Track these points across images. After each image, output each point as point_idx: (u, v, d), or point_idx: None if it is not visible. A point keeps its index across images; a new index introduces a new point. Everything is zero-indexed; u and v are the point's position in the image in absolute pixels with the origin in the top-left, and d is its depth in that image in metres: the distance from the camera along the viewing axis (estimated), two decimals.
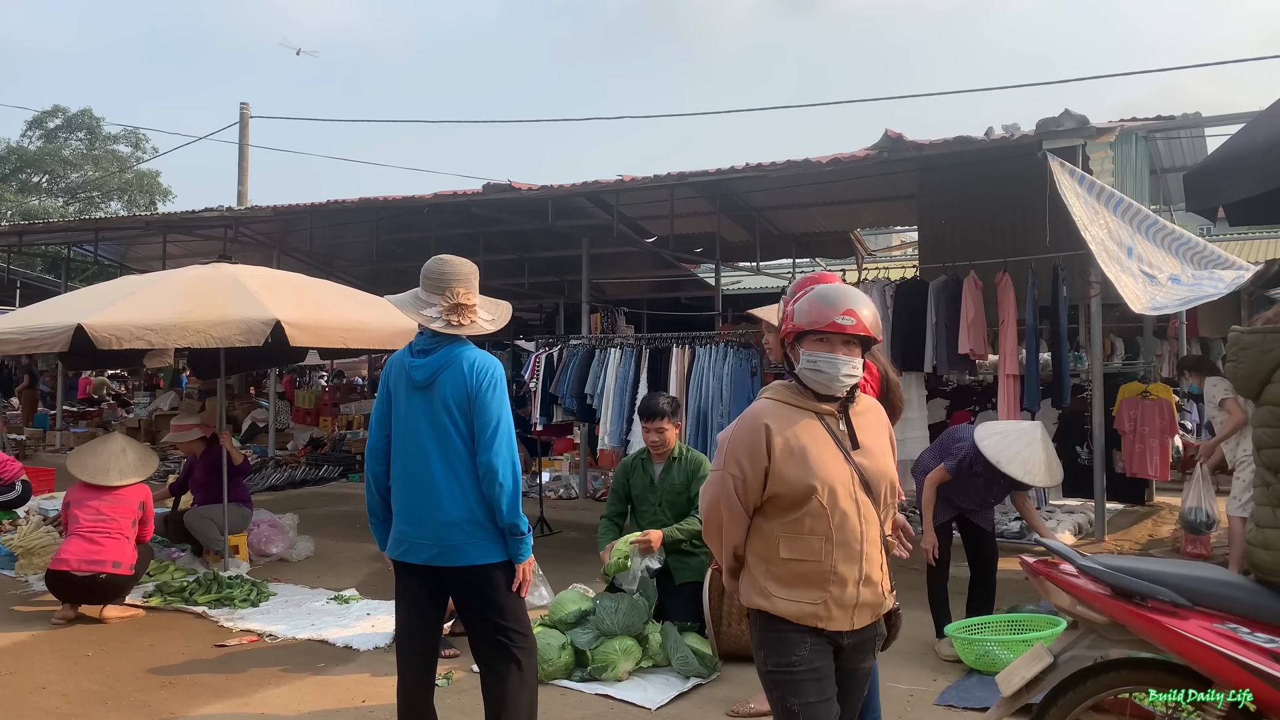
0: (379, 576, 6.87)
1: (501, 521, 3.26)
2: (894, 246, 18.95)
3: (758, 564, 2.61)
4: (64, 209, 32.19)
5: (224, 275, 6.65)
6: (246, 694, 4.51)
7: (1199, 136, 9.14)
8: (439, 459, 3.28)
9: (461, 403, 3.27)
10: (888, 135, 7.33)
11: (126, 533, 5.73)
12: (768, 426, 2.57)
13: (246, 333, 5.88)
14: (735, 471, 2.58)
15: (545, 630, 4.74)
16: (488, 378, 3.28)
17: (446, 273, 3.34)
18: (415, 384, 3.33)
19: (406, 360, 3.38)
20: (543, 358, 9.25)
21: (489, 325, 3.36)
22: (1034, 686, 2.97)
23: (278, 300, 6.27)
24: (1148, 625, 2.77)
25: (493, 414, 3.26)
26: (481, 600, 3.33)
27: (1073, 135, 6.73)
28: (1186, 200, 6.42)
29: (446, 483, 3.27)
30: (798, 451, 2.54)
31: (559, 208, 10.31)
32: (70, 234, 15.48)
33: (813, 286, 2.74)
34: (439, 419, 3.28)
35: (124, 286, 6.83)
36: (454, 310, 3.30)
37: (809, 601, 2.53)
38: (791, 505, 2.55)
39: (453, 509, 3.26)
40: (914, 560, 5.41)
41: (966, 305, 8.02)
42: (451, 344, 3.33)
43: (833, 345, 2.57)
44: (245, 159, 19.04)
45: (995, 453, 4.85)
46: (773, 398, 2.68)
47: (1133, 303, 5.90)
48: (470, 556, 3.27)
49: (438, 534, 3.28)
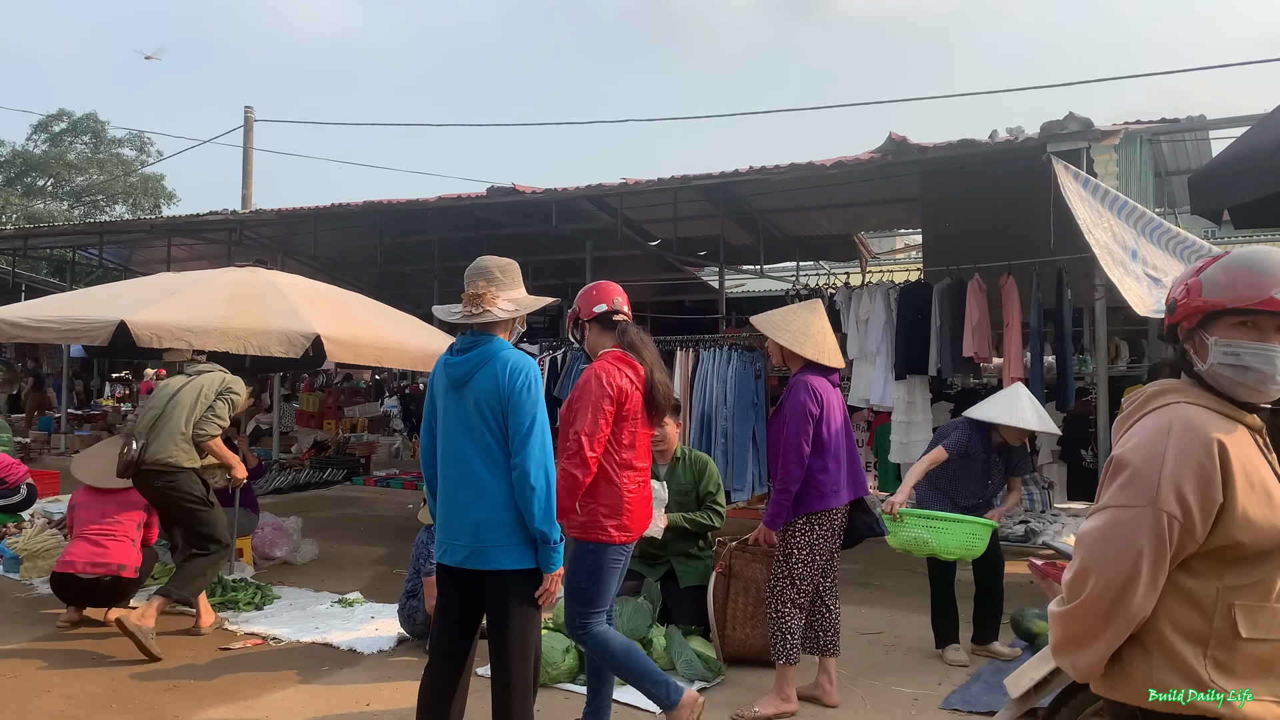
0: (383, 580, 6.87)
1: (533, 528, 3.20)
2: (898, 249, 18.94)
3: (1186, 644, 1.84)
4: (69, 212, 32.24)
5: (262, 281, 6.61)
6: (251, 697, 4.52)
7: (1204, 139, 9.12)
8: (472, 458, 3.25)
9: (494, 402, 3.23)
10: (891, 138, 7.32)
11: (132, 535, 5.73)
12: (1223, 445, 1.82)
13: (286, 344, 5.87)
14: (1175, 509, 1.78)
15: (549, 634, 4.73)
16: (521, 378, 3.23)
17: (470, 271, 3.39)
18: (452, 383, 3.33)
19: (445, 359, 3.40)
20: (546, 361, 9.25)
21: (503, 313, 3.31)
22: (1042, 689, 2.96)
23: (316, 313, 6.25)
24: None
25: (526, 415, 3.20)
26: (499, 606, 3.27)
27: (1077, 138, 6.72)
28: (1191, 203, 6.41)
29: (478, 483, 3.24)
30: (1258, 483, 1.83)
31: (563, 211, 10.31)
32: (75, 237, 15.51)
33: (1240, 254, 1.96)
34: (472, 418, 3.25)
35: (163, 284, 6.74)
36: (469, 301, 3.30)
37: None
38: (1255, 560, 1.81)
39: (483, 509, 3.23)
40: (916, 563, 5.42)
41: (971, 308, 8.01)
42: (487, 344, 3.31)
43: (1264, 332, 1.87)
44: (250, 162, 19.07)
45: (980, 411, 5.04)
46: (1197, 403, 1.91)
47: (1137, 306, 5.89)
48: (498, 560, 3.22)
49: (469, 535, 3.24)
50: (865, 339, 8.68)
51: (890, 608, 6.10)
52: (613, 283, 4.01)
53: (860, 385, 8.76)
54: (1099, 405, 7.63)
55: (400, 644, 5.32)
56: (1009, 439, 5.16)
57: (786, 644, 4.27)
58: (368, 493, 11.35)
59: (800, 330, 4.42)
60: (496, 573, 3.23)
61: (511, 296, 3.37)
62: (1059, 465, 9.22)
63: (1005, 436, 5.15)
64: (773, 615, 4.32)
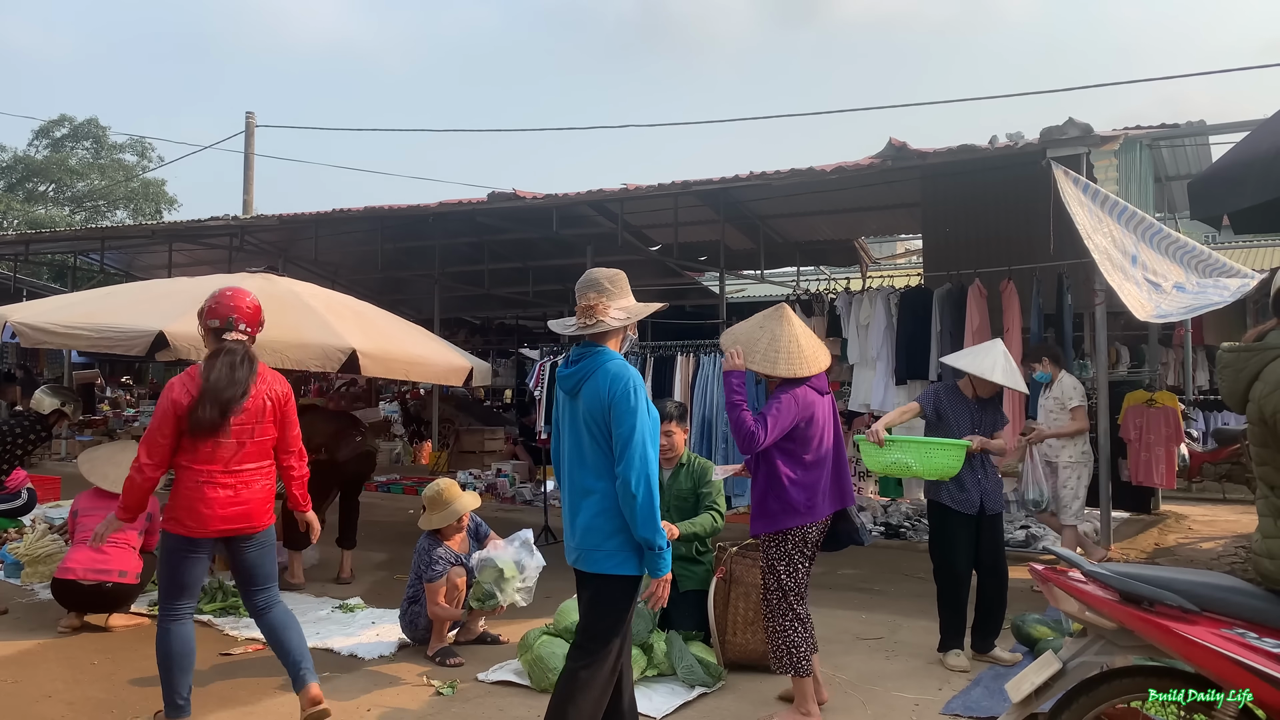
0: (383, 586, 6.87)
1: (637, 535, 3.25)
2: (898, 254, 18.96)
3: None
4: (70, 218, 32.30)
5: (283, 290, 6.51)
6: (251, 702, 4.52)
7: (1203, 145, 9.13)
8: (581, 465, 3.38)
9: (598, 411, 3.32)
10: (892, 144, 7.34)
11: (133, 542, 5.74)
12: None
13: (323, 358, 5.85)
14: None
15: (550, 639, 4.73)
16: (622, 387, 3.29)
17: (580, 284, 3.48)
18: (566, 392, 3.47)
19: (560, 370, 3.52)
20: (547, 366, 9.25)
21: (617, 322, 3.40)
22: (1043, 694, 2.96)
23: (346, 325, 6.23)
24: (1155, 630, 2.77)
25: (626, 425, 3.25)
26: (591, 606, 3.38)
27: (1077, 144, 6.74)
28: (1191, 208, 6.43)
29: (584, 488, 3.36)
30: None
31: (563, 216, 10.33)
32: (76, 243, 15.53)
33: None
34: (580, 427, 3.37)
35: (184, 290, 6.50)
36: (582, 313, 3.40)
37: None
38: None
39: (589, 514, 3.33)
40: (916, 567, 5.44)
41: (971, 313, 8.02)
42: (596, 354, 3.39)
43: None
44: (251, 168, 19.11)
45: (952, 358, 5.11)
46: None
47: (1137, 311, 5.90)
48: (599, 564, 3.31)
49: (578, 538, 3.37)
50: (866, 344, 8.69)
51: (890, 613, 6.09)
52: (245, 295, 4.28)
53: (861, 390, 8.77)
54: (1099, 410, 7.63)
55: (401, 649, 5.31)
56: (980, 391, 5.14)
57: (794, 657, 4.18)
58: (368, 498, 11.28)
59: (768, 347, 4.24)
60: (595, 576, 3.34)
61: (622, 305, 3.45)
62: None
63: (977, 388, 5.13)
64: (775, 629, 4.25)
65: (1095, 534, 8.20)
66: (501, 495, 11.16)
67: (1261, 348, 2.87)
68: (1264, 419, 2.79)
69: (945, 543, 5.11)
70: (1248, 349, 2.91)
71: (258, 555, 4.17)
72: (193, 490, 4.00)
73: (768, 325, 4.32)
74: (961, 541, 5.06)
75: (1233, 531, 8.96)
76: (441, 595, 5.13)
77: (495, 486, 11.33)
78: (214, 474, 4.02)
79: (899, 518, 9.02)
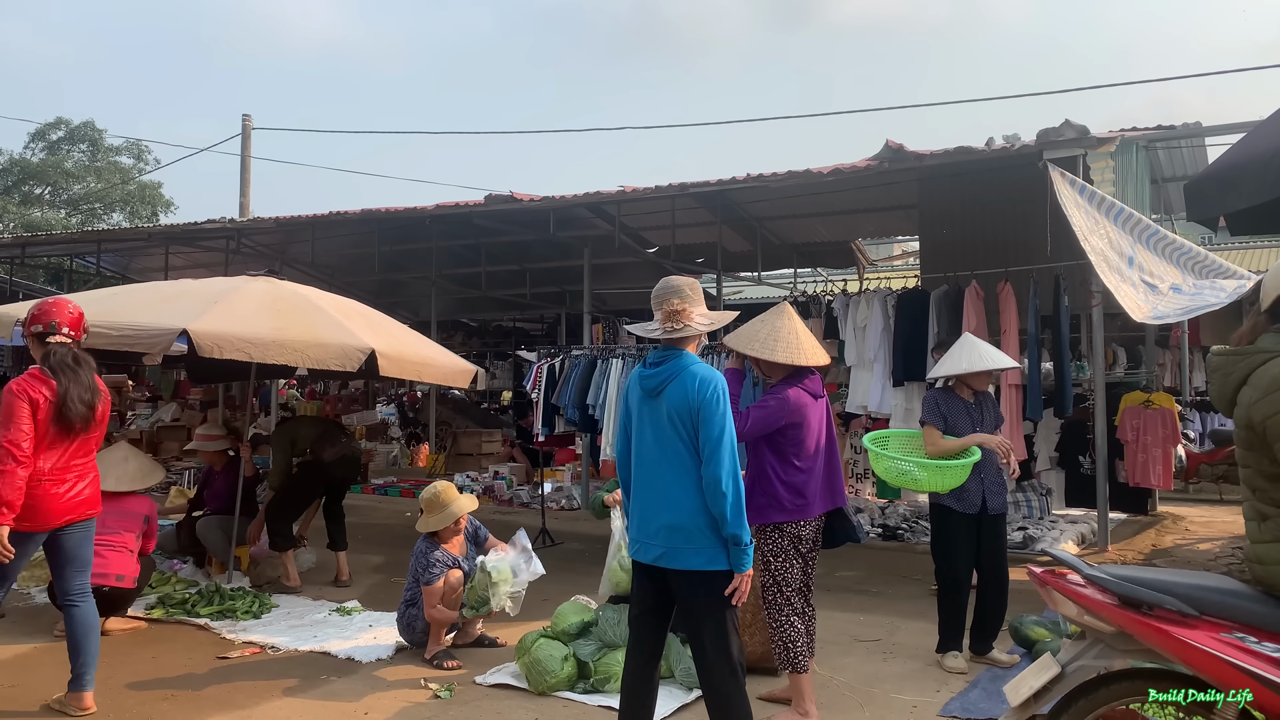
0: (380, 589, 6.86)
1: (726, 531, 3.37)
2: (895, 256, 18.99)
3: None
4: (66, 221, 32.25)
5: (289, 292, 6.52)
6: (249, 706, 4.51)
7: (1199, 146, 9.16)
8: (663, 465, 3.47)
9: (685, 413, 3.43)
10: (888, 145, 7.35)
11: (130, 546, 5.72)
12: None
13: (343, 358, 5.87)
14: None
15: (547, 642, 4.73)
16: (711, 390, 3.42)
17: (659, 290, 3.58)
18: (646, 393, 3.55)
19: (640, 372, 3.62)
20: (544, 368, 9.25)
21: (703, 326, 3.53)
22: (1042, 696, 2.96)
23: (356, 325, 6.26)
24: (1155, 634, 2.77)
25: (716, 426, 3.38)
26: (692, 605, 3.46)
27: (1073, 145, 6.75)
28: (1187, 209, 6.44)
29: (670, 488, 3.44)
30: None
31: (560, 218, 10.33)
32: (73, 246, 15.52)
33: None
34: (665, 428, 3.47)
35: (195, 291, 6.46)
36: (668, 318, 3.50)
37: None
38: None
39: (675, 513, 3.43)
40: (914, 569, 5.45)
41: (968, 315, 8.02)
42: (678, 357, 3.51)
43: None
44: (247, 170, 19.10)
45: (943, 369, 5.12)
46: None
47: (1133, 312, 5.91)
48: (690, 561, 3.41)
49: (663, 536, 3.45)
50: (863, 346, 8.69)
51: (888, 614, 6.09)
52: (67, 303, 4.52)
53: (858, 392, 8.77)
54: (1096, 412, 7.64)
55: (398, 652, 5.31)
56: (977, 385, 5.14)
57: (790, 653, 4.20)
58: (365, 501, 11.32)
59: (768, 336, 4.33)
60: (688, 573, 3.42)
61: (702, 311, 3.58)
62: (1057, 472, 9.23)
63: (973, 383, 5.12)
64: (772, 625, 4.28)
65: (1092, 535, 8.22)
66: (499, 498, 11.15)
67: (1250, 351, 2.85)
68: (1250, 424, 2.78)
69: (946, 545, 5.11)
70: (1236, 353, 2.89)
71: (83, 537, 4.49)
72: (36, 489, 4.21)
73: (769, 319, 4.44)
74: (963, 543, 5.05)
75: (1230, 533, 8.97)
76: (439, 598, 5.13)
77: (493, 489, 11.32)
78: (61, 471, 4.31)
79: (897, 519, 9.02)
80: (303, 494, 7.10)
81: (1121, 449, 8.66)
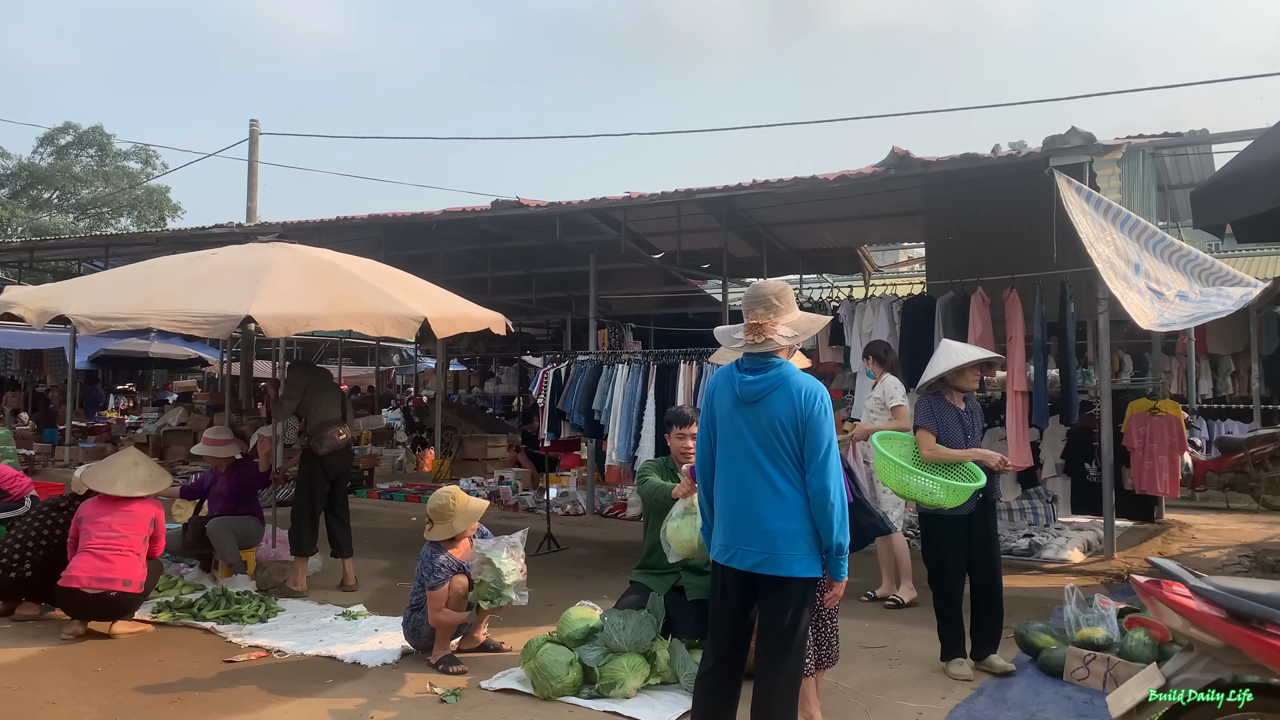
0: (386, 593, 6.87)
1: (830, 540, 3.42)
2: (901, 262, 18.98)
3: None
4: (74, 225, 32.38)
5: (313, 260, 6.46)
6: (255, 710, 4.52)
7: (1206, 153, 9.15)
8: (767, 473, 3.46)
9: (789, 423, 3.44)
10: (895, 152, 7.36)
11: (138, 550, 5.74)
12: None
13: (399, 326, 5.91)
14: None
15: (553, 647, 4.73)
16: (818, 403, 3.45)
17: (747, 297, 3.59)
18: (742, 399, 3.53)
19: (734, 376, 3.58)
20: (550, 373, 9.25)
21: (785, 342, 3.50)
22: (1145, 709, 2.92)
23: (396, 291, 6.28)
24: (1267, 650, 2.72)
25: (824, 438, 3.42)
26: (782, 608, 3.47)
27: (1080, 152, 6.75)
28: (1194, 217, 6.43)
29: (771, 495, 3.45)
30: None
31: (567, 224, 10.35)
32: (80, 250, 15.58)
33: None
34: (766, 436, 3.46)
35: (227, 267, 6.29)
36: (751, 331, 3.50)
37: None
38: None
39: (777, 520, 3.43)
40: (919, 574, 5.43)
41: (974, 322, 8.02)
42: (779, 367, 3.51)
43: None
44: (254, 175, 19.17)
45: (925, 380, 5.17)
46: None
47: (1139, 319, 5.90)
48: (791, 567, 3.43)
49: (763, 542, 3.44)
50: None
51: (893, 621, 6.09)
52: None
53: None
54: (1102, 419, 7.63)
55: (404, 657, 5.31)
56: (966, 385, 5.14)
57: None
58: (371, 505, 11.34)
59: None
60: (785, 579, 3.44)
61: (789, 321, 3.55)
62: (1063, 479, 9.21)
63: (961, 385, 5.12)
64: None
65: (1098, 542, 8.19)
66: (504, 503, 11.15)
67: None
68: None
69: (936, 551, 5.10)
70: None
71: None
72: None
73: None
74: (953, 548, 5.02)
75: (1237, 540, 8.94)
76: (443, 603, 5.13)
77: (498, 494, 11.32)
78: None
79: (902, 526, 8.98)
80: (316, 489, 7.04)
81: (1128, 456, 8.65)
